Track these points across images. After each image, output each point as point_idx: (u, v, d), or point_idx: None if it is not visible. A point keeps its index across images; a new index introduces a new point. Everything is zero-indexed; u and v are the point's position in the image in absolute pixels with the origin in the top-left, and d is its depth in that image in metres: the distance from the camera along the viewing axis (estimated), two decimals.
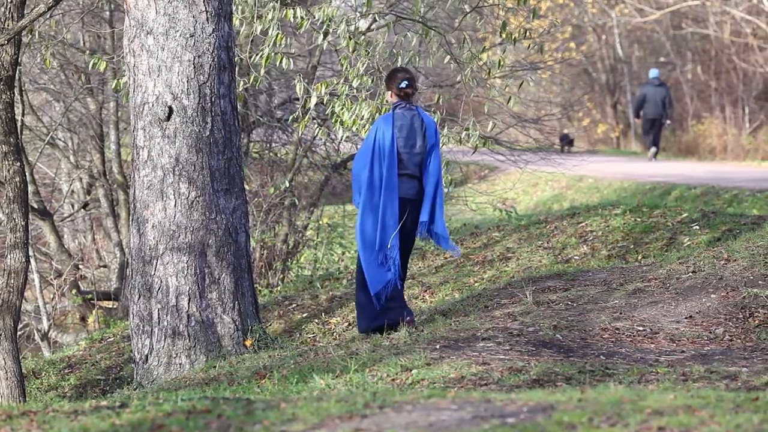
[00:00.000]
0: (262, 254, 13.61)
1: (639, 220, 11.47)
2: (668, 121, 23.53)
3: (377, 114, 9.65)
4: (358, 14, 10.38)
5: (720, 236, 10.42)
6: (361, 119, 9.64)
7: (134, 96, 7.86)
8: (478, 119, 11.17)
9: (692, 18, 29.95)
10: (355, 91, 9.72)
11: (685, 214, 11.47)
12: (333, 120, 9.90)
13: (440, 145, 8.16)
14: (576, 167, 18.48)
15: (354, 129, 9.79)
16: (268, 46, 9.45)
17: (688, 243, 10.52)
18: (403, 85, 7.85)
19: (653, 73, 23.35)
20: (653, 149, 23.66)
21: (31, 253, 11.24)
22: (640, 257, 10.46)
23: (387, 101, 8.13)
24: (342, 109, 9.65)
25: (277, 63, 9.61)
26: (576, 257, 10.81)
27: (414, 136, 7.82)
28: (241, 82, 10.28)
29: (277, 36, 9.40)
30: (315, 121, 11.73)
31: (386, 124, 7.78)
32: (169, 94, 7.73)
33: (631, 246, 10.84)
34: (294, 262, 14.31)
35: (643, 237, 11.01)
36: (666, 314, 7.89)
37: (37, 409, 4.81)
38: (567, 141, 26.48)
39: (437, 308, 8.81)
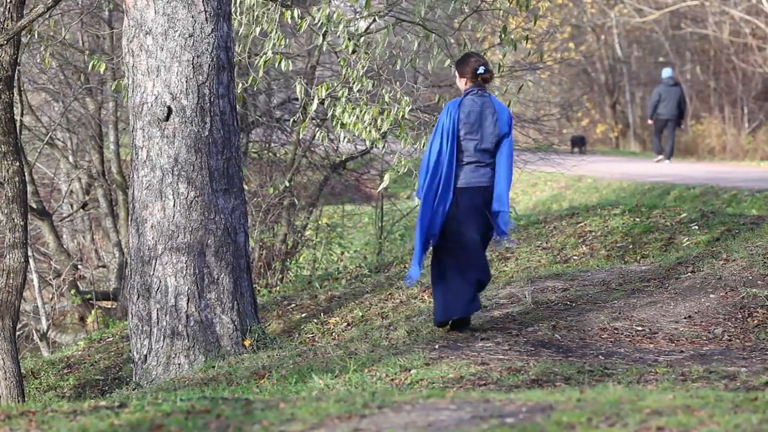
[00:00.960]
0: (261, 254, 13.61)
1: (638, 220, 11.47)
2: (682, 123, 23.12)
3: (380, 117, 9.64)
4: (358, 15, 10.38)
5: (719, 236, 10.43)
6: (363, 122, 9.62)
7: (133, 96, 7.87)
8: None
9: (691, 18, 29.97)
10: (357, 93, 9.70)
11: (684, 214, 11.47)
12: (333, 123, 9.89)
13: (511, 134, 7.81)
14: (575, 167, 18.49)
15: (356, 132, 9.75)
16: (269, 48, 9.43)
17: (687, 243, 10.52)
18: (481, 70, 7.51)
19: (666, 72, 22.65)
20: (662, 156, 23.08)
21: (30, 253, 11.24)
22: (638, 257, 10.47)
23: (459, 88, 7.82)
24: (343, 112, 9.63)
25: (276, 65, 9.60)
26: (575, 257, 10.81)
27: (483, 123, 7.51)
28: (240, 84, 10.27)
29: (278, 38, 9.39)
30: (314, 121, 11.73)
31: (453, 110, 7.46)
32: (168, 94, 7.74)
33: (630, 246, 10.84)
34: (293, 262, 14.31)
35: (642, 237, 11.01)
36: (665, 314, 7.89)
37: (36, 409, 4.81)
38: (580, 143, 26.18)
39: None
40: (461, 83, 7.65)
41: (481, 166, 7.53)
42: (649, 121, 23.54)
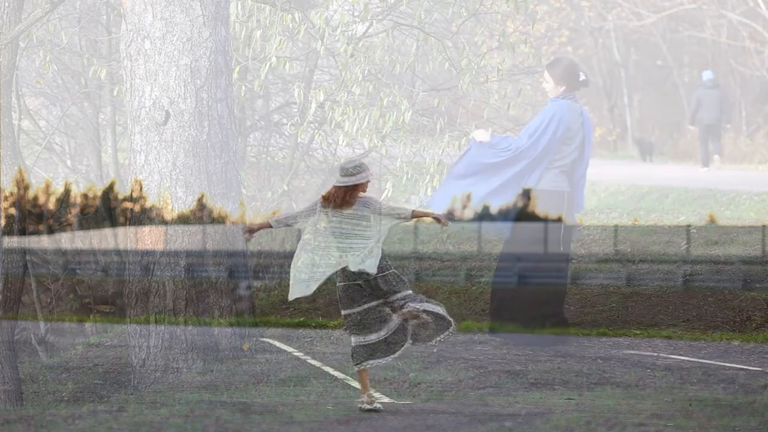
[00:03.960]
0: (259, 258, 13.59)
1: (637, 223, 11.46)
2: (728, 126, 22.71)
3: (381, 120, 9.62)
4: (356, 19, 10.38)
5: (717, 239, 10.42)
6: (362, 126, 9.60)
7: (131, 100, 7.86)
8: (475, 123, 11.15)
9: (689, 21, 29.98)
10: (356, 96, 9.69)
11: (683, 218, 11.47)
12: (332, 127, 9.88)
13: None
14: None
15: (357, 136, 9.74)
16: (273, 52, 9.41)
17: (686, 246, 10.52)
18: (583, 78, 7.51)
19: (707, 75, 22.04)
20: (707, 168, 22.60)
21: (28, 257, 11.22)
22: (637, 260, 10.46)
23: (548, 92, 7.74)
24: (343, 117, 9.61)
25: (282, 67, 9.59)
26: (573, 260, 10.80)
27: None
28: (243, 87, 10.26)
29: (280, 42, 9.38)
30: (312, 125, 11.72)
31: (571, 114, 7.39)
32: (166, 99, 7.73)
33: (628, 249, 10.83)
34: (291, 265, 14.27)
35: (640, 240, 11.01)
36: (663, 317, 7.89)
37: (34, 414, 4.81)
38: (648, 148, 25.65)
39: None
40: (559, 90, 7.60)
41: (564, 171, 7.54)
42: (690, 127, 22.97)
